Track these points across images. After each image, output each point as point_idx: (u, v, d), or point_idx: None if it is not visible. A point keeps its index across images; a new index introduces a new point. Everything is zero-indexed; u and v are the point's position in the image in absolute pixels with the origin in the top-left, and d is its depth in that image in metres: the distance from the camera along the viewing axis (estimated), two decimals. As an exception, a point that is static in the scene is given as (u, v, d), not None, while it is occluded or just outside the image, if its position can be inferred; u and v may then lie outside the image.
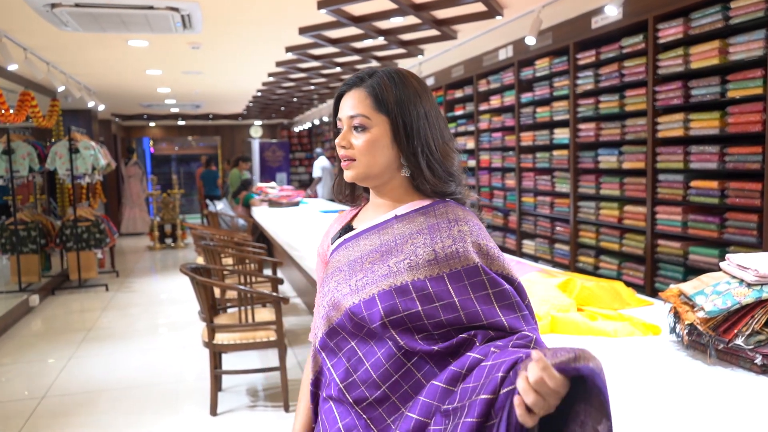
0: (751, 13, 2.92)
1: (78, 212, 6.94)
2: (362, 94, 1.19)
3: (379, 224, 1.21)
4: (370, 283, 1.13)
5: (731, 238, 3.16)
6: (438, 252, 1.12)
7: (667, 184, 3.54)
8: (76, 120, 8.87)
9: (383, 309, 1.08)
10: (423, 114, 1.18)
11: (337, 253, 1.24)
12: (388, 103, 1.17)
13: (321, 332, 1.17)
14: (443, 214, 1.18)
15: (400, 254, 1.14)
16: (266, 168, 13.95)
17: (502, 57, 5.21)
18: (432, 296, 1.08)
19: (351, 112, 1.19)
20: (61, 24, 3.91)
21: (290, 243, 4.24)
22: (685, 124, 3.38)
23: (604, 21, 3.90)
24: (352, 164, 1.20)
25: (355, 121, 1.18)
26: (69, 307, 6.19)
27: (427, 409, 1.02)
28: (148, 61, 6.36)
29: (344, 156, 1.21)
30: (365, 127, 1.18)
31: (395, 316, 1.07)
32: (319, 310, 1.21)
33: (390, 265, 1.13)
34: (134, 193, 11.78)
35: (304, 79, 7.71)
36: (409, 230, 1.17)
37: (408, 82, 1.19)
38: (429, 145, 1.18)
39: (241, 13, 4.32)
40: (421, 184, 1.20)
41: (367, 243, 1.20)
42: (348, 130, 1.20)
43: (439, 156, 1.19)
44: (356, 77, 1.22)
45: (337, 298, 1.15)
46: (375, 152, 1.18)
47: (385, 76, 1.20)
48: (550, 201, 4.80)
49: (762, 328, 1.58)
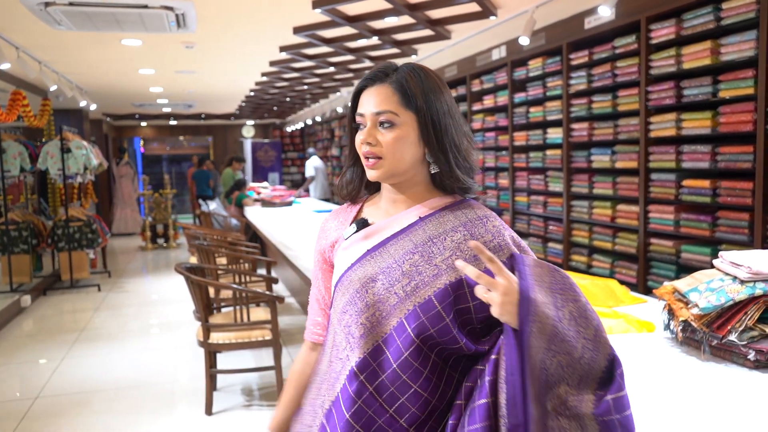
0: (742, 14, 2.95)
1: (70, 212, 6.90)
2: (389, 90, 1.15)
3: (406, 228, 1.18)
4: (422, 286, 1.10)
5: (723, 237, 3.19)
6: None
7: (660, 184, 3.57)
8: (67, 119, 8.83)
9: (443, 309, 1.07)
10: (447, 110, 1.17)
11: (361, 264, 1.17)
12: (417, 100, 1.14)
13: (359, 353, 1.09)
14: (472, 212, 1.19)
15: (444, 251, 1.13)
16: (258, 168, 13.93)
17: (496, 57, 5.23)
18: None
19: (377, 109, 1.15)
20: (54, 23, 3.90)
21: (284, 242, 4.24)
22: (677, 123, 3.41)
23: (597, 21, 3.92)
24: (379, 162, 1.15)
25: (382, 118, 1.14)
26: (61, 308, 6.16)
27: (458, 412, 1.06)
28: (141, 61, 6.34)
29: (370, 153, 1.16)
30: (393, 123, 1.14)
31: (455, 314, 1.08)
32: (342, 319, 1.14)
33: (437, 264, 1.11)
34: (126, 193, 11.72)
35: (297, 78, 7.71)
36: (443, 228, 1.16)
37: (431, 78, 1.17)
38: (455, 141, 1.17)
39: (236, 12, 4.32)
40: (447, 181, 1.19)
41: (398, 247, 1.16)
42: (373, 127, 1.16)
43: (464, 152, 1.19)
44: (379, 72, 1.18)
45: (382, 311, 1.10)
46: (403, 149, 1.15)
47: (410, 71, 1.16)
48: (544, 200, 4.83)
49: (755, 324, 1.61)
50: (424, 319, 1.06)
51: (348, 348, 1.11)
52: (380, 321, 1.10)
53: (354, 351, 1.09)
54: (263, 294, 3.36)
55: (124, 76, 7.48)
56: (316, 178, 9.85)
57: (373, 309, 1.11)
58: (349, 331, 1.11)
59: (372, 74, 1.18)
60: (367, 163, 1.17)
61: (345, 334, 1.12)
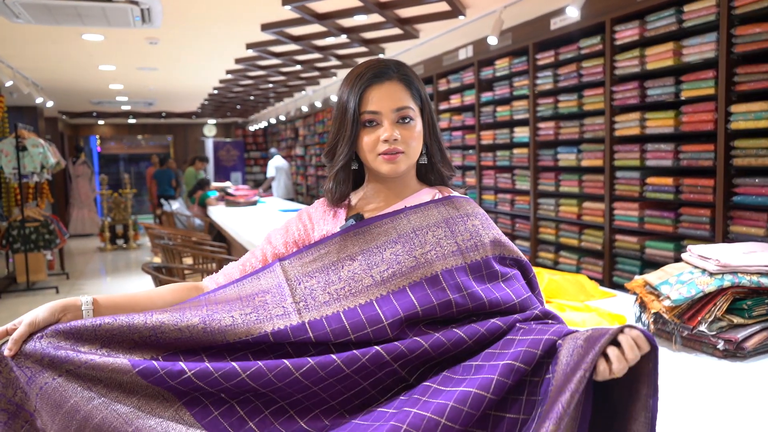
0: (703, 17, 3.05)
1: (26, 212, 6.68)
2: (401, 86, 1.19)
3: (391, 214, 1.21)
4: (398, 275, 1.12)
5: (685, 233, 3.29)
6: (460, 245, 1.16)
7: (625, 181, 3.67)
8: (20, 117, 8.54)
9: (417, 301, 1.09)
10: (431, 105, 1.25)
11: (342, 238, 1.19)
12: (422, 95, 1.22)
13: (315, 315, 1.10)
14: (454, 209, 1.22)
15: (425, 245, 1.15)
16: (220, 167, 13.75)
17: (462, 57, 5.28)
18: (460, 286, 1.11)
19: (398, 105, 1.18)
20: (12, 15, 3.76)
21: (251, 241, 4.19)
22: (641, 123, 3.50)
23: (562, 22, 4.00)
24: (401, 157, 1.19)
25: (402, 114, 1.18)
26: (17, 311, 5.95)
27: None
28: (101, 56, 6.18)
29: (393, 150, 1.18)
30: (412, 118, 1.19)
31: (427, 307, 1.09)
32: (304, 280, 1.15)
33: (416, 257, 1.14)
34: (83, 193, 11.40)
35: (262, 77, 7.63)
36: (426, 222, 1.19)
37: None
38: (438, 134, 1.25)
39: (203, 8, 4.25)
40: (435, 173, 1.26)
41: (381, 232, 1.18)
42: (392, 123, 1.18)
43: (443, 145, 1.27)
44: (384, 68, 1.20)
45: (352, 288, 1.13)
46: (419, 143, 1.21)
47: (407, 68, 1.22)
48: (511, 198, 4.89)
49: (723, 315, 1.66)
50: (397, 305, 1.08)
51: (301, 305, 1.11)
52: (347, 296, 1.11)
53: (309, 311, 1.10)
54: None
55: (83, 72, 7.27)
56: (279, 178, 9.80)
57: (344, 283, 1.13)
58: (311, 293, 1.12)
59: (378, 71, 1.19)
60: (388, 158, 1.18)
61: (302, 293, 1.13)
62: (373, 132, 1.19)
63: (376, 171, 1.23)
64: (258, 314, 1.08)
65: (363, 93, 1.19)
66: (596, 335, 0.94)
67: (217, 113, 13.42)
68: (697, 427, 1.20)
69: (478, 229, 1.19)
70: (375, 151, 1.19)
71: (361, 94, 1.19)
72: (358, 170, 1.30)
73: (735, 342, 1.58)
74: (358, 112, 1.19)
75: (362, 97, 1.19)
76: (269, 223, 5.25)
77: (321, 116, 9.79)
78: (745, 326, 1.62)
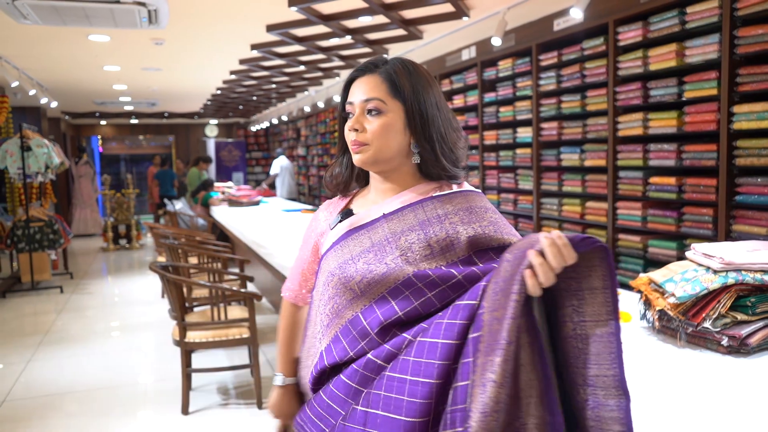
0: (706, 18, 3.08)
1: (30, 212, 6.71)
2: (377, 80, 1.20)
3: (386, 216, 1.21)
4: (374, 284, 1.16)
5: (688, 232, 3.32)
6: (433, 244, 1.16)
7: (628, 181, 3.69)
8: (24, 117, 8.56)
9: (411, 294, 1.12)
10: (434, 102, 1.22)
11: (350, 239, 1.22)
12: (404, 90, 1.19)
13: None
14: (442, 206, 1.20)
15: (419, 242, 1.16)
16: (222, 167, 13.78)
17: (465, 57, 5.31)
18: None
19: (365, 96, 1.20)
20: (20, 16, 3.79)
21: (256, 241, 4.22)
22: (644, 123, 3.53)
23: (566, 23, 4.03)
24: (364, 148, 1.21)
25: (369, 105, 1.19)
26: (21, 311, 5.98)
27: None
28: (107, 57, 6.21)
29: (356, 141, 1.21)
30: (380, 111, 1.19)
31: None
32: (321, 301, 1.23)
33: (408, 256, 1.16)
34: (85, 193, 11.42)
35: (265, 77, 7.66)
36: (409, 224, 1.19)
37: (420, 71, 1.23)
38: (441, 131, 1.22)
39: (210, 9, 4.28)
40: (432, 170, 1.24)
41: (377, 233, 1.20)
42: (361, 114, 1.21)
43: (450, 143, 1.24)
44: (369, 63, 1.23)
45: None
46: (388, 136, 1.20)
47: (399, 63, 1.22)
48: (514, 198, 4.92)
49: (727, 311, 1.69)
50: (376, 308, 1.13)
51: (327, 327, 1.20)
52: (348, 305, 1.17)
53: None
54: (242, 292, 3.34)
55: (87, 73, 7.30)
56: (283, 178, 9.92)
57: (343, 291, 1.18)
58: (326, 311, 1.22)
59: (363, 66, 1.23)
60: (354, 149, 1.22)
61: (322, 315, 1.22)
62: (349, 122, 1.23)
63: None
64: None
65: (347, 86, 1.25)
66: (519, 254, 0.99)
67: (219, 113, 13.45)
68: (702, 421, 1.22)
69: (456, 227, 1.16)
70: (349, 141, 1.24)
71: (344, 88, 1.26)
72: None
73: (739, 338, 1.60)
74: (342, 105, 1.26)
75: (347, 89, 1.25)
76: (273, 222, 5.28)
77: (323, 116, 9.82)
78: (748, 323, 1.65)
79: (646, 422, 1.23)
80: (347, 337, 1.14)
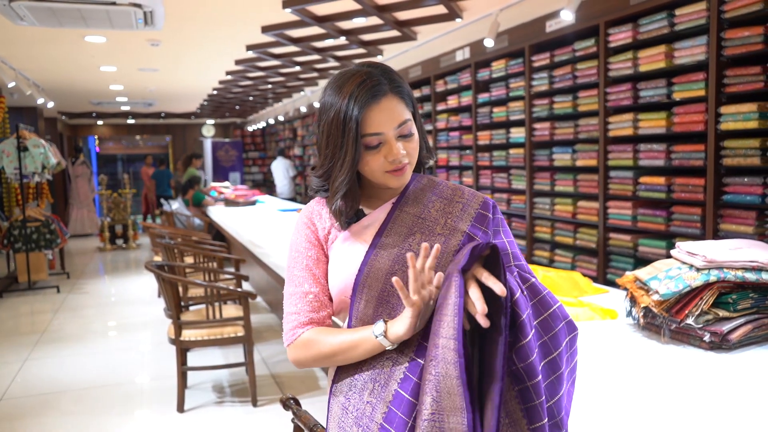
0: (694, 20, 3.12)
1: (27, 212, 6.73)
2: (396, 99, 1.16)
3: (389, 215, 1.22)
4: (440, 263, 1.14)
5: (677, 231, 3.36)
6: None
7: (618, 181, 3.74)
8: (20, 117, 8.59)
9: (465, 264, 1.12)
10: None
11: (375, 258, 1.16)
12: (412, 99, 1.21)
13: (409, 354, 1.09)
14: (427, 180, 1.27)
15: (438, 220, 1.19)
16: (219, 168, 13.80)
17: (459, 58, 5.35)
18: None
19: (398, 121, 1.15)
20: (17, 18, 3.82)
21: (253, 241, 4.25)
22: (634, 123, 3.57)
23: (558, 25, 4.07)
24: (407, 168, 1.19)
25: (404, 130, 1.17)
26: (18, 310, 6.00)
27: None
28: (103, 58, 6.23)
29: (401, 165, 1.17)
30: (412, 131, 1.19)
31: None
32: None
33: (440, 233, 1.17)
34: (82, 193, 11.43)
35: (261, 77, 7.69)
36: (423, 204, 1.23)
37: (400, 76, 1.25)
38: (422, 124, 1.26)
39: (205, 11, 4.31)
40: (424, 165, 1.30)
41: (396, 235, 1.19)
42: (396, 142, 1.16)
43: (425, 134, 1.28)
44: (376, 85, 1.14)
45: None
46: (417, 149, 1.22)
47: (393, 73, 1.19)
48: (507, 198, 4.96)
49: (710, 308, 1.72)
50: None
51: (398, 344, 1.09)
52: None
53: (406, 344, 1.09)
54: (237, 291, 3.37)
55: (84, 73, 7.32)
56: (276, 177, 10.30)
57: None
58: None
59: (373, 89, 1.13)
60: (397, 174, 1.17)
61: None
62: (377, 153, 1.16)
63: (382, 184, 1.21)
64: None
65: (362, 115, 1.13)
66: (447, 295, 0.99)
67: (216, 113, 13.47)
68: (684, 415, 1.25)
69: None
70: (381, 170, 1.17)
71: (360, 117, 1.13)
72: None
73: (721, 334, 1.64)
74: (360, 135, 1.14)
75: (362, 120, 1.13)
76: (269, 222, 5.31)
77: (319, 117, 9.90)
78: (730, 319, 1.68)
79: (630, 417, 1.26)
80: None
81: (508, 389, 1.01)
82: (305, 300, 1.18)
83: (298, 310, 1.18)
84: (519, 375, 1.00)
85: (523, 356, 0.99)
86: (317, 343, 1.14)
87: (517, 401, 1.01)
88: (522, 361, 0.99)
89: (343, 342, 1.11)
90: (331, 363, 1.15)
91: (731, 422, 1.22)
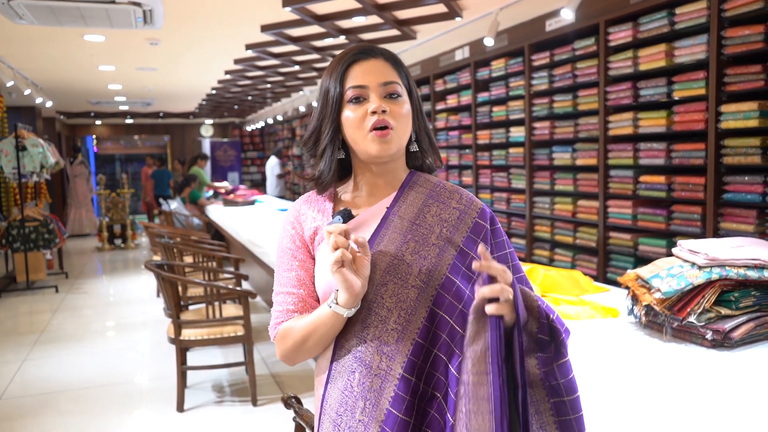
0: (694, 19, 3.12)
1: (25, 212, 6.71)
2: (387, 65, 1.14)
3: (385, 218, 1.16)
4: (434, 269, 1.11)
5: (677, 229, 3.36)
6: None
7: (618, 179, 3.74)
8: (19, 117, 8.57)
9: (460, 282, 1.14)
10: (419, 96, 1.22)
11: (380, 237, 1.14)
12: (409, 79, 1.17)
13: (401, 359, 1.07)
14: (426, 181, 1.22)
15: (433, 228, 1.14)
16: (218, 167, 13.80)
17: (459, 57, 5.35)
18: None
19: (383, 79, 1.12)
20: (15, 17, 3.81)
21: (252, 240, 4.25)
22: (634, 122, 3.57)
23: (557, 24, 4.07)
24: (392, 134, 1.11)
25: (389, 89, 1.12)
26: (17, 310, 5.99)
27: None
28: (102, 57, 6.22)
29: (383, 122, 1.10)
30: (400, 94, 1.13)
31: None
32: (366, 335, 1.09)
33: (435, 242, 1.13)
34: (80, 193, 11.42)
35: (260, 77, 7.68)
36: (417, 207, 1.17)
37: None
38: (426, 122, 1.22)
39: (205, 10, 4.30)
40: (420, 159, 1.22)
41: (391, 238, 1.13)
42: (379, 98, 1.11)
43: (431, 133, 1.24)
44: (367, 48, 1.14)
45: (407, 309, 1.09)
46: (407, 124, 1.15)
47: (393, 53, 1.18)
48: (507, 197, 4.96)
49: (712, 306, 1.72)
50: (450, 298, 1.08)
51: (386, 359, 1.07)
52: (409, 320, 1.08)
53: (394, 359, 1.06)
54: (237, 290, 3.37)
55: (82, 73, 7.31)
56: (269, 178, 10.50)
57: (398, 310, 1.08)
58: (381, 341, 1.08)
59: (363, 50, 1.14)
60: (379, 134, 1.10)
61: (375, 347, 1.08)
62: (359, 107, 1.11)
63: (365, 154, 1.13)
64: None
65: (347, 70, 1.12)
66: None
67: (215, 113, 13.46)
68: (687, 414, 1.25)
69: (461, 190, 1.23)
70: (363, 128, 1.11)
71: (344, 71, 1.12)
72: (343, 163, 1.23)
73: (723, 332, 1.64)
74: (343, 89, 1.12)
75: (346, 74, 1.12)
76: (268, 222, 5.31)
77: (318, 116, 9.93)
78: (732, 317, 1.68)
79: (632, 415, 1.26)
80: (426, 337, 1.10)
81: (543, 401, 1.03)
82: (288, 300, 1.17)
83: (282, 309, 1.18)
84: (558, 389, 1.02)
85: (564, 372, 1.02)
86: (291, 330, 1.14)
87: (551, 413, 1.03)
88: (564, 376, 1.02)
89: (309, 323, 1.10)
90: (308, 350, 1.13)
91: (734, 420, 1.22)
